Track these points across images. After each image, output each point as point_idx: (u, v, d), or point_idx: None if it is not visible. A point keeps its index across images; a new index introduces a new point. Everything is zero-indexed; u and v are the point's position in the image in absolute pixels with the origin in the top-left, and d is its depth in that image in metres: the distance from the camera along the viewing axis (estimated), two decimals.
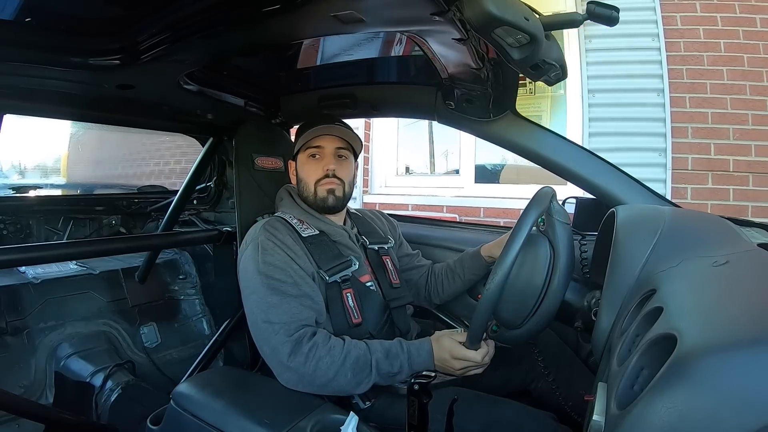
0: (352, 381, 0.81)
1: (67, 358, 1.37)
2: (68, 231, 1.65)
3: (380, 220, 1.23)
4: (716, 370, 0.32)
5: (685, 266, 0.57)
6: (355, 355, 0.82)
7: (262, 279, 0.86)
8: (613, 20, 0.64)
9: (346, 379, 0.81)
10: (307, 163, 1.03)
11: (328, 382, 0.80)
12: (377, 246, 1.10)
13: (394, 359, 0.84)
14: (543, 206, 0.78)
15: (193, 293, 1.80)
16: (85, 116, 1.23)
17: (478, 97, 1.04)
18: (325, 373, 0.80)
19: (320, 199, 1.01)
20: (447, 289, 1.18)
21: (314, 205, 1.02)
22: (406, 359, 0.84)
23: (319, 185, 1.01)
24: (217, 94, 1.18)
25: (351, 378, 0.81)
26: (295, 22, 0.78)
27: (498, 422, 0.83)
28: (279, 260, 0.88)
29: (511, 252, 0.73)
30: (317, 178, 1.01)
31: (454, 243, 1.38)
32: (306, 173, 1.02)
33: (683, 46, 2.24)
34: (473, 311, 0.78)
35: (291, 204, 1.04)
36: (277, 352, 0.81)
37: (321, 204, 1.01)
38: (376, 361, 0.82)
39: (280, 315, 0.83)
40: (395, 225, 1.26)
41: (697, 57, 2.22)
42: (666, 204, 1.03)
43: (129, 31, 0.79)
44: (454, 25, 0.70)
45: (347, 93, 1.25)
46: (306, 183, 1.02)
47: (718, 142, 2.19)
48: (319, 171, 1.01)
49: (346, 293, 0.94)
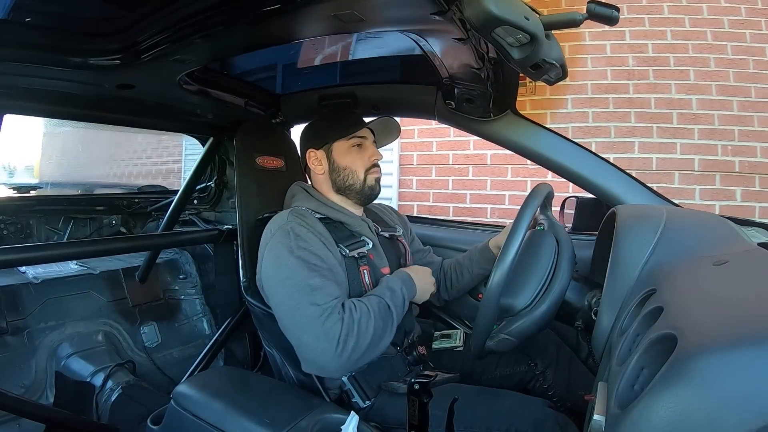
0: (388, 329, 0.84)
1: (68, 357, 1.37)
2: (68, 231, 1.65)
3: (390, 213, 1.23)
4: (716, 369, 0.32)
5: (685, 266, 0.57)
6: (376, 304, 0.85)
7: (300, 262, 0.84)
8: (613, 20, 0.64)
9: (382, 330, 0.83)
10: (350, 152, 1.03)
11: (373, 343, 0.81)
12: (388, 234, 1.09)
13: (395, 292, 0.89)
14: (541, 198, 0.79)
15: (193, 293, 1.80)
16: (85, 116, 1.23)
17: (479, 97, 1.04)
18: (365, 334, 0.80)
19: (369, 186, 1.03)
20: (456, 284, 1.17)
21: (360, 194, 1.03)
22: (399, 285, 0.90)
23: (369, 173, 1.03)
24: (218, 93, 1.17)
25: (382, 326, 0.83)
26: (295, 22, 0.78)
27: (498, 413, 0.83)
28: (314, 246, 0.87)
29: (514, 243, 0.73)
30: (366, 166, 1.03)
31: (460, 243, 1.38)
32: (352, 162, 1.03)
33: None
34: (474, 311, 0.78)
35: (307, 198, 1.03)
36: (328, 332, 0.78)
37: (369, 192, 1.04)
38: (389, 301, 0.86)
39: (325, 297, 0.81)
40: (405, 220, 1.26)
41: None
42: (666, 203, 1.03)
43: (129, 31, 0.79)
44: (454, 24, 0.70)
45: (348, 92, 1.25)
46: (354, 171, 1.02)
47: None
48: (366, 160, 1.03)
49: (363, 269, 0.95)
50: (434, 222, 1.62)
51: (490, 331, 0.79)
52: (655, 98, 2.32)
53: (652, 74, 2.33)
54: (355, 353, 0.78)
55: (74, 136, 2.42)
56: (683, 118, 2.29)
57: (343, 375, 0.88)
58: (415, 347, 0.98)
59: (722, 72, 2.25)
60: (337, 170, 1.03)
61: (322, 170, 1.05)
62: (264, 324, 1.03)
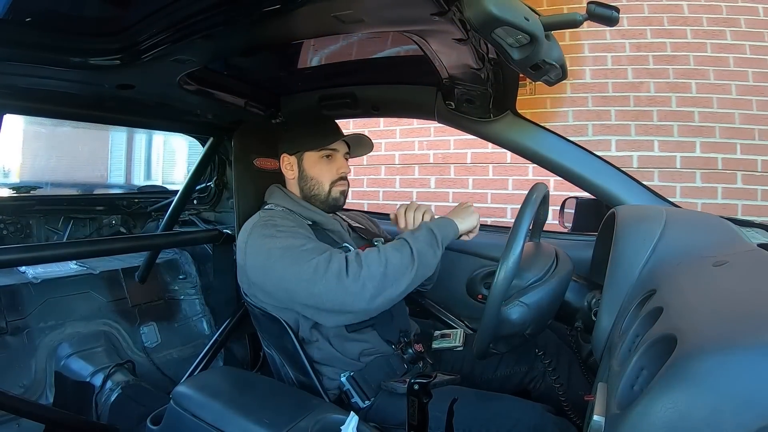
0: (407, 261, 0.82)
1: (67, 357, 1.37)
2: (68, 231, 1.65)
3: (366, 220, 1.25)
4: (716, 370, 0.32)
5: (685, 266, 0.57)
6: (387, 243, 0.86)
7: (287, 237, 0.87)
8: (613, 20, 0.64)
9: (399, 261, 0.82)
10: (319, 163, 1.05)
11: (390, 273, 0.80)
12: (373, 240, 1.10)
13: (418, 230, 0.88)
14: (540, 197, 0.78)
15: (193, 293, 1.80)
16: (85, 116, 1.23)
17: (479, 97, 1.04)
18: (377, 263, 0.80)
19: (333, 198, 1.05)
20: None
21: (324, 204, 1.05)
22: (426, 227, 0.89)
23: (334, 186, 1.05)
24: (218, 94, 1.17)
25: (399, 257, 0.82)
26: (295, 22, 0.78)
27: (497, 417, 0.83)
28: (294, 228, 0.91)
29: (517, 243, 0.71)
30: (332, 179, 1.05)
31: (452, 243, 1.37)
32: (319, 173, 1.05)
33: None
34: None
35: (282, 197, 1.06)
36: (338, 271, 0.80)
37: (333, 203, 1.05)
38: (417, 251, 0.84)
39: (321, 250, 0.84)
40: (376, 223, 1.29)
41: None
42: (666, 204, 1.03)
43: (129, 31, 0.79)
44: (455, 25, 0.70)
45: (347, 93, 1.25)
46: (319, 182, 1.05)
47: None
48: (333, 172, 1.05)
49: None
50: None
51: (493, 332, 0.79)
52: (677, 97, 2.30)
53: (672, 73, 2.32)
54: (371, 282, 0.79)
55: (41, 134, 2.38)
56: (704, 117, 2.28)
57: (373, 312, 0.84)
58: (411, 345, 0.98)
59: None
60: (305, 179, 1.06)
61: (293, 175, 1.07)
62: (263, 325, 1.03)
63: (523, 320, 0.76)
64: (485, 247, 1.32)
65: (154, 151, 2.61)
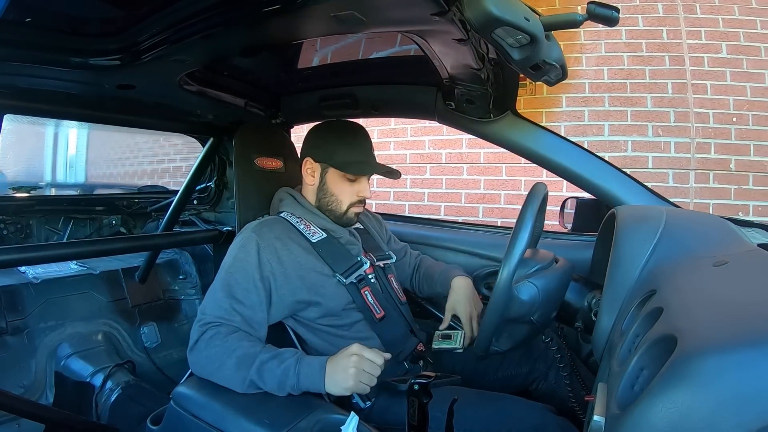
0: (237, 376, 0.78)
1: (67, 357, 1.37)
2: (68, 231, 1.65)
3: (377, 222, 1.23)
4: (716, 370, 0.32)
5: (685, 266, 0.57)
6: (246, 350, 0.80)
7: (225, 277, 0.89)
8: (613, 21, 0.64)
9: (230, 371, 0.79)
10: (343, 182, 1.00)
11: (215, 371, 0.80)
12: (383, 263, 1.09)
13: (281, 362, 0.79)
14: (540, 198, 0.78)
15: (193, 293, 1.80)
16: (85, 116, 1.23)
17: (479, 98, 1.04)
18: (213, 361, 0.80)
19: (347, 218, 1.03)
20: (424, 289, 1.21)
21: (337, 219, 1.03)
22: (294, 363, 0.79)
23: (352, 207, 1.02)
24: (218, 94, 1.18)
25: (234, 372, 0.79)
26: (295, 22, 0.78)
27: (498, 417, 0.83)
28: (250, 266, 0.90)
29: (519, 244, 0.70)
30: (352, 201, 1.01)
31: (454, 244, 1.37)
32: (340, 191, 1.01)
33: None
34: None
35: (293, 204, 1.03)
36: (198, 334, 0.83)
37: (345, 221, 1.03)
38: (261, 360, 0.78)
39: (213, 309, 0.86)
40: (381, 220, 1.26)
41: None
42: (666, 204, 1.03)
43: (129, 31, 0.79)
44: (455, 25, 0.70)
45: (348, 93, 1.25)
46: (339, 200, 1.01)
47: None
48: (353, 195, 1.01)
49: (365, 291, 0.97)
50: (429, 222, 1.60)
51: (495, 332, 0.79)
52: (694, 98, 2.31)
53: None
54: (196, 366, 0.83)
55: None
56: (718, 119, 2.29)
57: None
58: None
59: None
60: (325, 191, 1.02)
61: (313, 182, 1.03)
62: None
63: (533, 300, 0.75)
64: (485, 247, 1.32)
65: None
